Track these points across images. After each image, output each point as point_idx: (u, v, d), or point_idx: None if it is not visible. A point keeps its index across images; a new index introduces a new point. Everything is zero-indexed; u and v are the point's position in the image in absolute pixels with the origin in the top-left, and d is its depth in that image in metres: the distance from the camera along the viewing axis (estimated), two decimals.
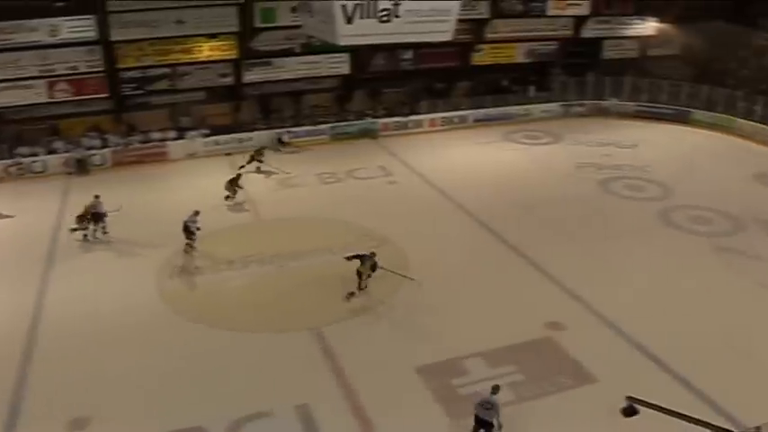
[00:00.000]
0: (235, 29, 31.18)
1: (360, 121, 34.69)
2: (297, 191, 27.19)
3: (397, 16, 17.84)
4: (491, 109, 37.48)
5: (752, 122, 35.96)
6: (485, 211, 25.09)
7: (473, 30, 36.25)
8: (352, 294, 19.09)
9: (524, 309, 18.59)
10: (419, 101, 36.63)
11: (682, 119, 38.20)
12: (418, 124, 35.72)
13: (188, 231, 21.43)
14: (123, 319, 18.31)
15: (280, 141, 32.72)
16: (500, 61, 38.42)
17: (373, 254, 19.22)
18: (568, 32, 39.20)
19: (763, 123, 35.40)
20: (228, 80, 32.77)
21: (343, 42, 18.04)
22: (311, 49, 32.40)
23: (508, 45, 38.20)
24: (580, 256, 21.83)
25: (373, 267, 19.10)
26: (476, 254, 21.98)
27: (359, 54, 33.64)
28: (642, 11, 40.64)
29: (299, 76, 33.81)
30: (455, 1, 18.97)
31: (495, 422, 13.69)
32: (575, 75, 40.16)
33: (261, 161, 29.45)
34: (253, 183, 27.80)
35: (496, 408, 13.73)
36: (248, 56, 32.25)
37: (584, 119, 38.83)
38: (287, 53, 33.00)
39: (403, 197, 26.63)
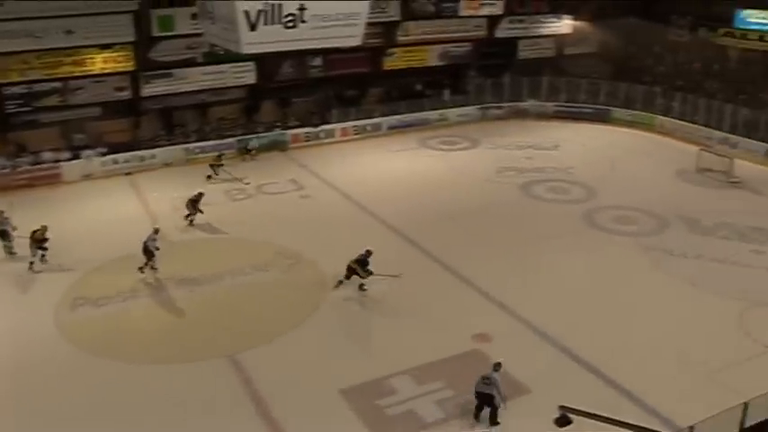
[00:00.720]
0: (130, 38, 30.63)
1: (269, 133, 34.59)
2: (204, 209, 26.85)
3: (303, 21, 17.95)
4: (405, 115, 37.98)
5: (671, 119, 37.71)
6: (404, 222, 25.42)
7: (384, 33, 36.71)
8: (341, 283, 20.46)
9: (450, 322, 18.91)
10: (330, 109, 36.78)
11: (602, 118, 39.69)
12: (330, 134, 35.88)
13: (147, 252, 21.14)
14: (18, 356, 17.70)
15: (247, 150, 33.10)
16: (413, 65, 38.97)
17: (369, 251, 20.44)
18: (482, 33, 40.14)
19: (683, 120, 37.19)
20: (126, 94, 32.13)
21: (247, 50, 18.03)
22: (214, 58, 32.07)
23: (421, 48, 38.81)
24: (505, 263, 22.38)
25: (365, 265, 20.25)
26: (396, 266, 22.17)
27: (265, 62, 33.56)
28: (557, 9, 42.08)
29: (203, 88, 33.45)
30: (364, 3, 19.21)
31: (495, 395, 15.01)
32: (490, 76, 41.14)
33: (216, 170, 29.93)
34: (157, 202, 27.37)
35: (496, 383, 15.04)
36: (146, 67, 31.73)
37: (502, 121, 39.82)
38: (188, 63, 32.61)
39: (317, 211, 26.70)
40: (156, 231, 21.66)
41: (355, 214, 26.52)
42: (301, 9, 17.74)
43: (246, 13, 17.25)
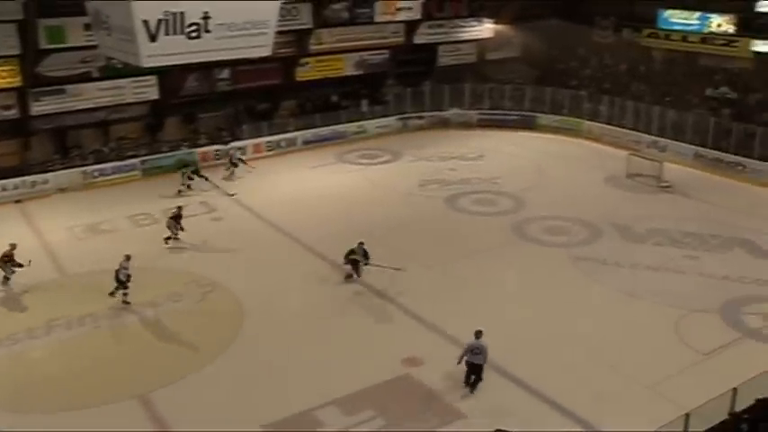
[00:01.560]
0: (15, 51, 29.78)
1: (175, 152, 34.18)
2: (107, 237, 26.35)
3: (207, 31, 17.85)
4: (321, 128, 38.18)
5: (599, 123, 38.94)
6: (324, 242, 25.48)
7: (295, 42, 36.75)
8: (350, 277, 22.54)
9: (378, 346, 19.02)
10: (240, 125, 36.63)
11: (527, 124, 40.68)
12: (241, 152, 35.66)
13: (118, 280, 21.08)
14: None
15: (232, 162, 33.22)
16: (328, 75, 39.19)
17: (361, 243, 22.53)
18: (400, 39, 40.65)
19: (610, 124, 38.46)
20: (13, 113, 31.17)
21: (147, 63, 17.79)
22: (112, 72, 31.59)
23: (335, 57, 39.05)
24: (432, 281, 22.65)
25: (365, 254, 22.43)
26: (318, 291, 22.22)
27: (168, 76, 33.18)
28: (477, 12, 42.98)
29: (101, 105, 32.73)
30: (272, 10, 19.23)
31: (484, 364, 16.89)
32: (410, 85, 41.73)
33: (191, 179, 30.88)
34: (54, 231, 26.74)
35: (484, 351, 16.98)
36: (35, 83, 30.87)
37: (424, 132, 40.43)
38: (83, 78, 31.87)
39: (231, 234, 26.50)
40: (128, 258, 21.38)
41: (271, 236, 26.44)
42: (206, 18, 17.64)
43: (146, 23, 17.01)
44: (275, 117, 38.13)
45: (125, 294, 21.29)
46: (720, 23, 37.35)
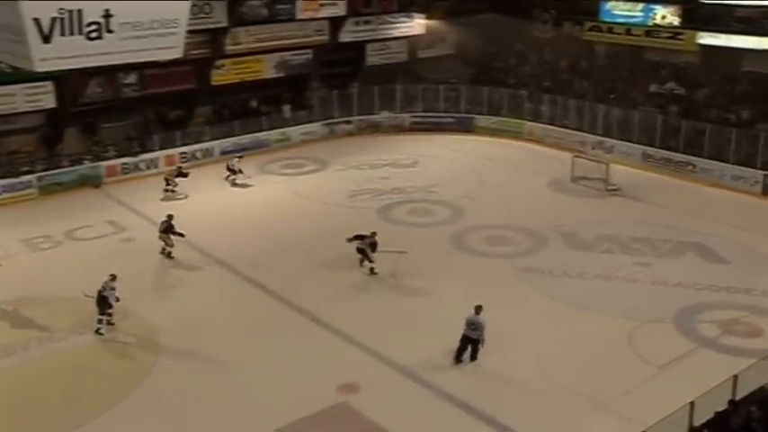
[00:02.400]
0: None
1: (77, 167, 33.53)
2: (3, 263, 25.66)
3: (109, 31, 17.50)
4: (241, 137, 37.91)
5: (541, 124, 39.56)
6: (247, 261, 25.34)
7: (209, 42, 36.49)
8: (362, 263, 24.42)
9: (311, 373, 18.87)
10: (151, 135, 36.09)
11: (464, 127, 41.12)
12: (152, 164, 35.23)
13: (103, 303, 20.84)
14: None
15: (231, 170, 33.88)
16: (246, 78, 39.03)
17: (374, 233, 24.42)
18: (324, 38, 40.72)
19: (553, 124, 39.12)
20: None
21: (41, 68, 17.34)
22: (1, 77, 30.87)
23: (254, 58, 38.93)
24: (366, 300, 22.66)
25: (373, 246, 24.13)
26: (243, 316, 22.01)
27: (66, 81, 32.56)
28: (407, 7, 43.33)
29: None
30: (183, 8, 18.99)
31: (480, 338, 18.91)
32: (336, 87, 41.78)
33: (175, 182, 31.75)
34: None
35: (481, 327, 18.88)
36: None
37: (352, 138, 40.57)
38: None
39: (143, 257, 26.01)
40: (114, 278, 21.15)
41: (188, 255, 26.07)
42: (107, 16, 17.28)
43: (37, 22, 16.53)
44: (189, 125, 37.72)
45: (110, 315, 21.06)
46: (665, 15, 38.39)
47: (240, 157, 34.91)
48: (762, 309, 21.87)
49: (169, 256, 25.86)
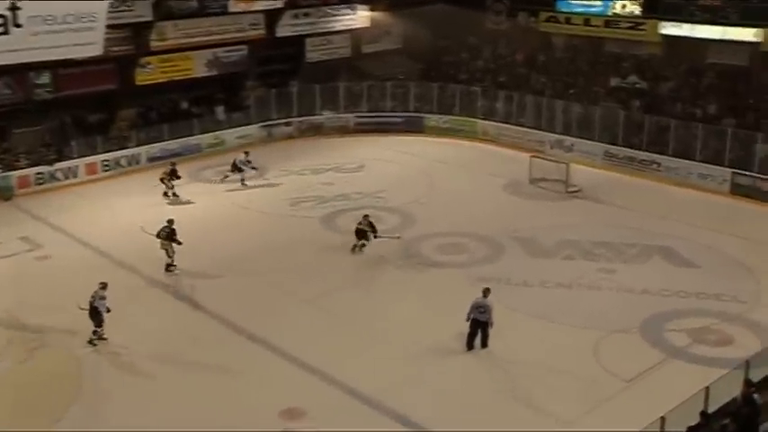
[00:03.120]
0: None
1: None
2: None
3: (17, 25, 17.28)
4: (170, 142, 37.65)
5: (495, 123, 39.81)
6: (181, 278, 25.12)
7: (132, 38, 36.09)
8: (356, 248, 26.68)
9: (251, 397, 18.65)
10: (68, 141, 35.53)
11: (414, 127, 41.29)
12: (71, 173, 34.77)
13: (96, 314, 20.87)
14: None
15: (236, 168, 34.12)
16: (175, 77, 38.77)
17: (366, 216, 27.00)
18: (260, 32, 40.59)
19: (508, 123, 39.40)
20: None
21: None
22: None
23: (183, 55, 38.67)
24: (312, 317, 22.47)
25: (373, 228, 26.63)
26: (178, 337, 21.71)
27: None
28: None
29: None
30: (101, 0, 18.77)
31: (489, 321, 20.31)
32: (274, 86, 41.71)
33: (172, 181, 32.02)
34: None
35: (489, 309, 20.26)
36: None
37: (293, 141, 40.58)
38: None
39: (62, 276, 25.55)
40: (104, 287, 21.13)
41: (113, 274, 25.51)
42: (13, 9, 17.05)
43: None
44: (112, 130, 37.25)
45: (101, 336, 21.10)
46: (625, 4, 38.96)
47: (247, 152, 34.78)
48: (732, 315, 22.22)
49: (168, 268, 25.62)
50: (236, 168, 34.02)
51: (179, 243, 25.57)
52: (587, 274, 24.96)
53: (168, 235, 25.59)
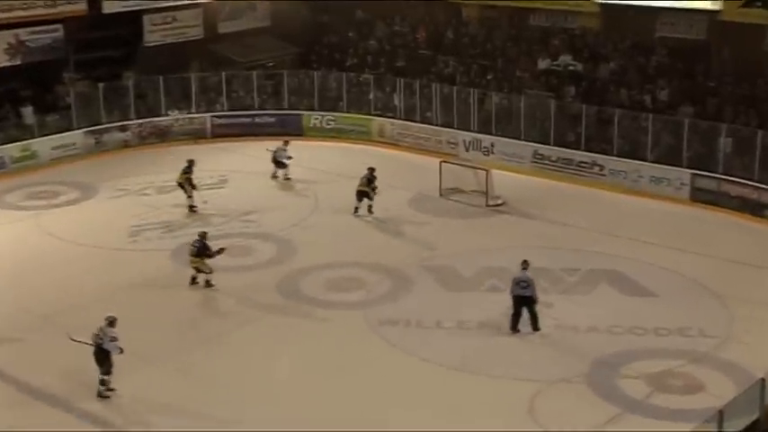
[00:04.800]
0: None
1: None
2: None
3: None
4: None
5: (394, 120, 40.13)
6: None
7: None
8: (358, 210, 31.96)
9: None
10: None
11: (291, 129, 41.26)
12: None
13: (104, 358, 21.15)
14: None
15: (278, 162, 35.76)
16: None
17: (371, 168, 32.22)
18: (80, 8, 40.21)
19: (411, 120, 39.78)
20: None
21: None
22: None
23: None
24: (165, 384, 22.17)
25: (370, 183, 31.98)
26: None
27: None
28: None
29: None
30: None
31: (534, 296, 23.36)
32: (102, 79, 41.21)
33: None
34: None
35: (532, 284, 23.20)
36: None
37: (130, 151, 40.43)
38: None
39: None
40: (112, 323, 21.53)
41: None
42: None
43: None
44: None
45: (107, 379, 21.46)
46: None
47: (287, 141, 36.69)
48: (700, 354, 22.72)
49: (208, 283, 27.16)
50: (279, 164, 34.93)
51: (219, 253, 26.85)
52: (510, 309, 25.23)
53: (199, 251, 26.87)
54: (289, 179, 35.89)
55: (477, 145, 37.56)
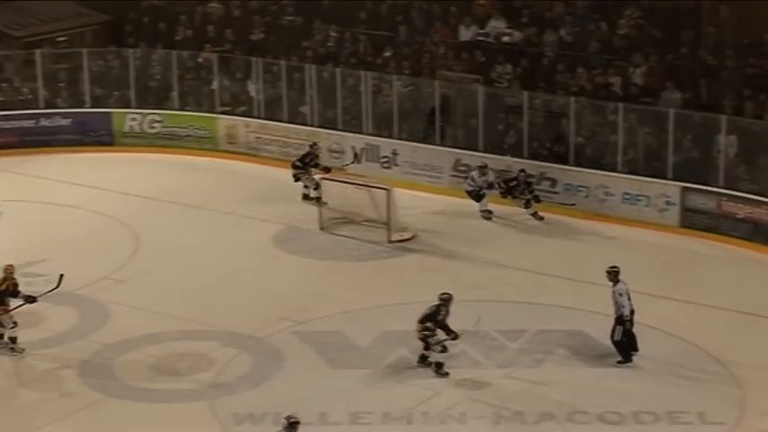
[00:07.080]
0: None
1: None
2: None
3: None
4: None
5: (249, 119, 40.37)
6: None
7: None
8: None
9: None
10: None
11: (95, 135, 41.74)
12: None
13: None
14: None
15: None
16: None
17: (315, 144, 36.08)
18: None
19: (274, 119, 39.85)
20: None
21: None
22: None
23: None
24: None
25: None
26: None
27: None
28: None
29: None
30: None
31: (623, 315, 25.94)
32: None
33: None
34: None
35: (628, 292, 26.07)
36: None
37: None
38: None
39: None
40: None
41: None
42: None
43: None
44: None
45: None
46: None
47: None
48: None
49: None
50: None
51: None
52: (439, 394, 25.29)
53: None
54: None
55: (374, 153, 37.68)
